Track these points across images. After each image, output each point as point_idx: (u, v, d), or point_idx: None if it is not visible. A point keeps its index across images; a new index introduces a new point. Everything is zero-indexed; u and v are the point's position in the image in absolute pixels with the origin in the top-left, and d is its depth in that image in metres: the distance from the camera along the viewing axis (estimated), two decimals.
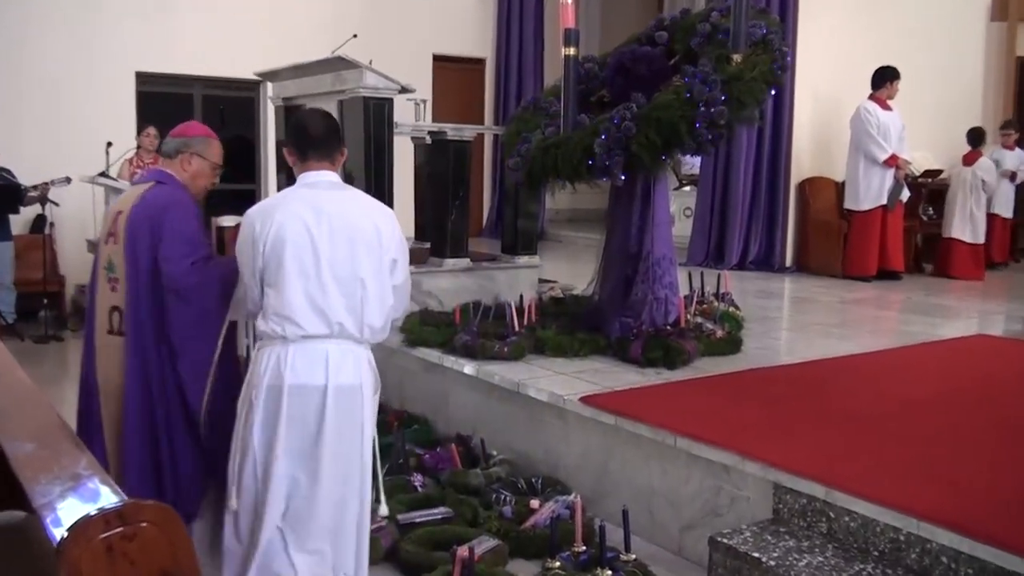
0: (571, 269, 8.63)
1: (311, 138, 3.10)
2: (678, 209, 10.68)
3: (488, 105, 12.62)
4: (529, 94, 10.92)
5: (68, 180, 8.13)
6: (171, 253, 3.25)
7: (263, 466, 2.99)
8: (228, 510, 3.09)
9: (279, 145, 7.24)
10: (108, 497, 1.62)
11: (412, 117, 7.47)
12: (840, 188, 9.48)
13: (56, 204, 8.33)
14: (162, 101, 10.29)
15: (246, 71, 8.44)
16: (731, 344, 5.41)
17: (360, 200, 3.11)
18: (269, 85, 7.57)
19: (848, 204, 9.14)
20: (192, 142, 3.50)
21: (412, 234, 7.95)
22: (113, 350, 3.38)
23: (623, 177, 4.88)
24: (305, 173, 3.11)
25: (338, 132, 3.19)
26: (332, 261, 2.95)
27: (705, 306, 5.84)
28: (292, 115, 3.18)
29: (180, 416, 3.33)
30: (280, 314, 2.95)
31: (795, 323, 6.79)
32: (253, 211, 3.09)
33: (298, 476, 2.97)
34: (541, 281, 7.02)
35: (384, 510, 3.83)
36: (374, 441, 3.26)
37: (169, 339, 3.28)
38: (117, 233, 3.37)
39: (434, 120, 8.62)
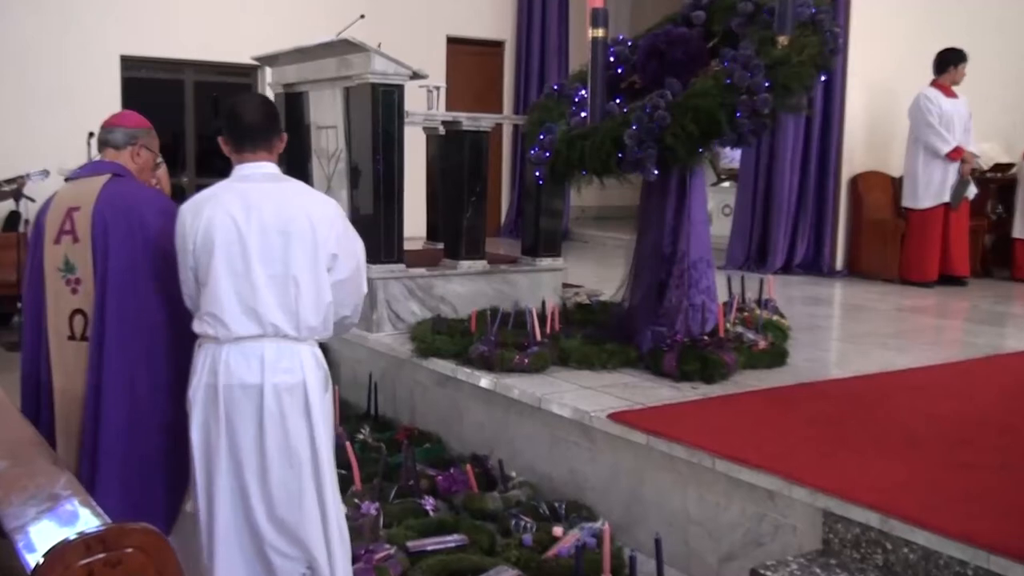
0: (598, 273, 8.62)
1: (245, 127, 3.19)
2: (716, 207, 10.64)
3: (507, 92, 12.62)
4: (553, 80, 10.93)
5: (46, 174, 8.18)
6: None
7: (204, 468, 3.13)
8: (184, 511, 3.30)
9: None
10: (89, 520, 1.62)
11: (424, 105, 7.49)
12: (897, 184, 9.42)
13: (32, 200, 8.38)
14: (150, 88, 10.36)
15: (242, 55, 8.47)
16: (775, 356, 5.39)
17: (296, 192, 3.21)
18: (268, 71, 7.60)
19: (906, 202, 9.08)
20: (140, 133, 3.59)
21: (424, 233, 7.97)
22: (76, 357, 3.40)
23: (656, 171, 4.88)
24: (240, 165, 3.21)
25: (276, 119, 3.28)
26: (263, 258, 3.06)
27: (746, 314, 5.83)
28: (225, 102, 3.27)
29: (160, 423, 3.37)
30: (211, 314, 3.08)
31: (846, 333, 6.74)
32: (185, 206, 3.20)
33: (245, 479, 3.09)
34: (565, 286, 7.02)
35: None
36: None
37: (160, 339, 3.34)
38: (76, 231, 3.38)
39: (448, 109, 8.61)
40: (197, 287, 3.16)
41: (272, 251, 3.08)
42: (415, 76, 6.08)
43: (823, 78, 4.97)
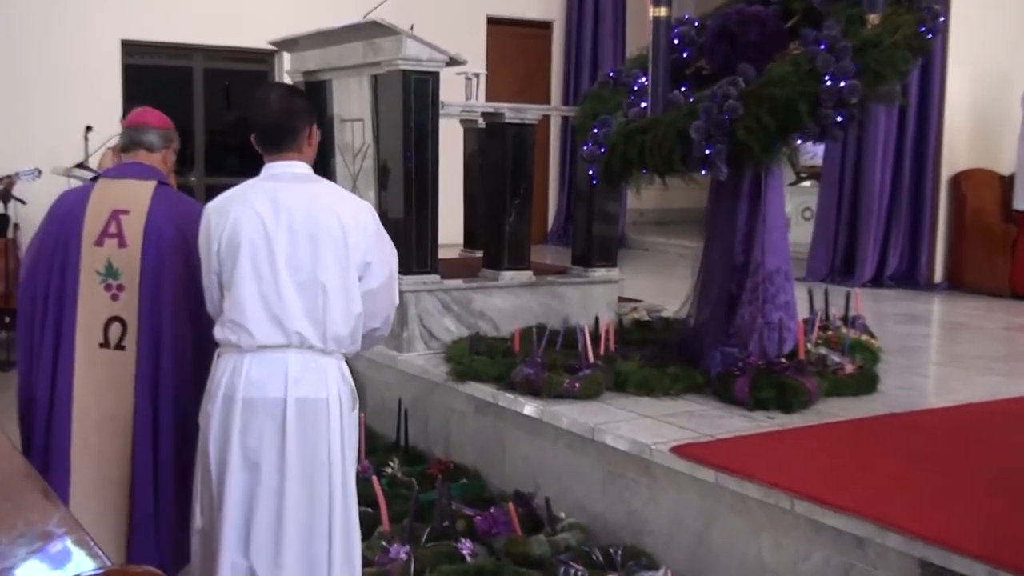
0: (659, 285, 8.61)
1: (267, 126, 3.36)
2: (795, 210, 10.58)
3: (556, 80, 12.65)
4: (608, 66, 10.92)
5: (37, 172, 8.31)
6: None
7: (218, 485, 3.25)
8: (193, 529, 3.38)
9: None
10: (83, 562, 1.64)
11: (462, 95, 7.52)
12: (1007, 183, 9.32)
13: (22, 202, 8.51)
14: (154, 76, 10.51)
15: (258, 39, 8.56)
16: (864, 382, 5.35)
17: (328, 194, 3.36)
18: (286, 56, 7.67)
19: (1018, 204, 8.99)
20: (173, 136, 3.87)
21: (460, 240, 8.00)
22: (107, 368, 3.59)
23: (726, 170, 4.86)
24: (269, 164, 3.38)
25: (300, 114, 3.40)
26: (291, 263, 3.21)
27: (830, 333, 5.79)
28: (255, 97, 3.49)
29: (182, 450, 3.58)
30: (234, 321, 3.21)
31: (947, 355, 6.68)
32: (211, 205, 3.35)
33: (259, 499, 3.20)
34: (621, 300, 7.01)
35: None
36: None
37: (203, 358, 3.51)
38: (123, 235, 3.61)
39: (489, 99, 8.64)
40: (220, 292, 3.30)
41: (300, 256, 3.21)
42: (452, 62, 6.11)
43: (920, 62, 4.92)
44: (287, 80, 7.57)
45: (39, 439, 3.67)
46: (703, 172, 4.98)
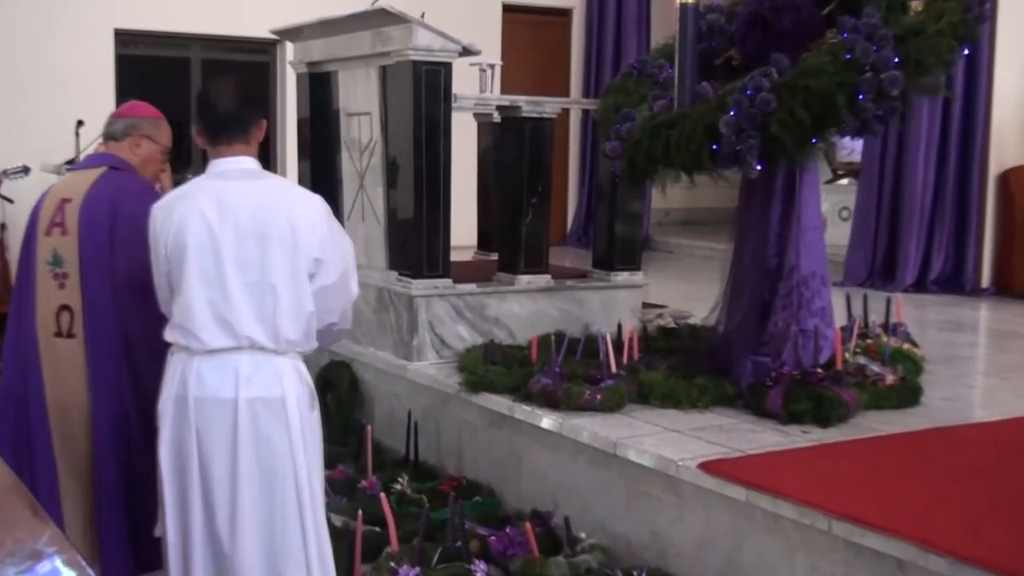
0: (686, 290, 8.60)
1: (218, 116, 3.44)
2: (832, 209, 10.56)
3: (576, 71, 12.66)
4: (631, 56, 10.92)
5: (26, 170, 8.36)
6: None
7: (176, 488, 3.38)
8: (156, 534, 3.53)
9: (300, 125, 7.36)
10: None
11: (476, 87, 7.53)
12: None
13: (10, 201, 8.57)
14: (150, 67, 10.56)
15: (259, 28, 8.61)
16: (906, 394, 5.33)
17: (276, 190, 3.47)
18: (289, 46, 7.70)
19: None
20: (142, 123, 4.00)
21: (474, 242, 8.00)
22: (64, 356, 3.80)
23: (759, 166, 4.86)
24: (216, 160, 3.47)
25: (252, 105, 3.55)
26: (238, 263, 3.31)
27: (870, 341, 5.77)
28: (200, 89, 3.67)
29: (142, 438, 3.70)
30: (182, 326, 3.34)
31: (996, 365, 6.65)
32: (157, 205, 3.48)
33: (214, 499, 3.32)
34: (645, 306, 7.01)
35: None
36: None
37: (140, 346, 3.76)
38: (65, 223, 3.82)
39: (504, 91, 8.67)
40: (171, 294, 3.42)
41: (248, 255, 3.31)
42: (465, 52, 6.12)
43: (966, 52, 4.90)
44: (290, 72, 7.60)
45: (22, 434, 3.89)
46: (733, 169, 4.98)
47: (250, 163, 3.48)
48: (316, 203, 3.48)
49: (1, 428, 3.94)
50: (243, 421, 3.30)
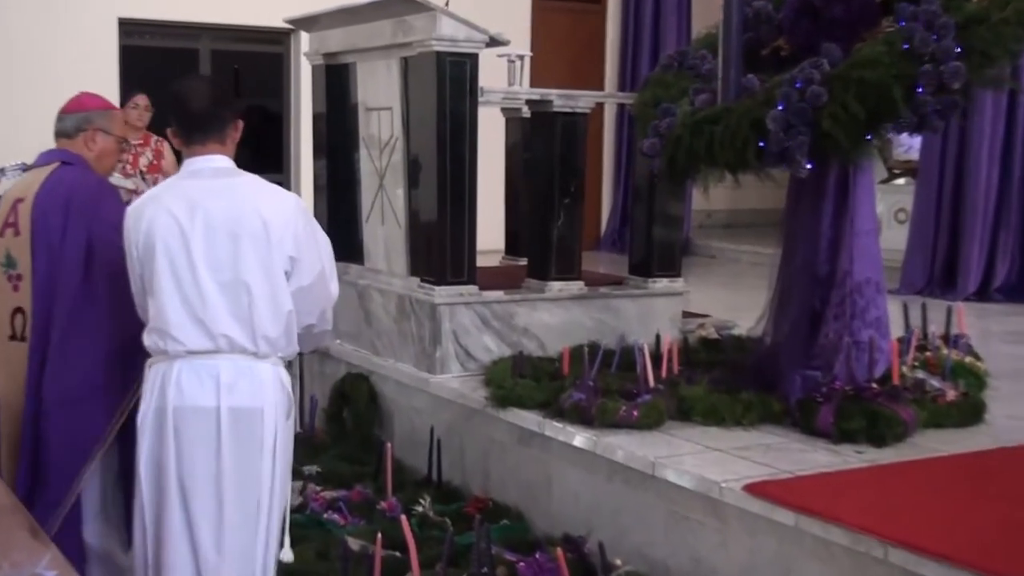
0: (730, 298, 8.59)
1: (191, 115, 3.63)
2: (888, 211, 10.52)
3: (611, 63, 12.67)
4: (671, 46, 10.91)
5: (24, 168, 8.41)
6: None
7: (152, 503, 3.53)
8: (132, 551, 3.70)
9: (315, 120, 7.38)
10: None
11: (504, 80, 7.53)
12: None
13: None
14: (155, 59, 10.62)
15: (272, 17, 8.65)
16: (968, 411, 5.31)
17: (249, 188, 3.62)
18: (304, 36, 7.74)
19: None
20: (93, 116, 4.15)
21: (501, 245, 8.01)
22: (17, 359, 3.94)
23: (808, 165, 4.85)
24: (190, 159, 3.65)
25: (226, 103, 3.72)
26: (210, 262, 3.47)
27: (929, 354, 5.75)
28: (174, 88, 3.76)
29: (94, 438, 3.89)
30: (158, 328, 3.50)
31: None
32: (129, 208, 3.66)
33: (194, 514, 3.46)
34: (686, 315, 6.99)
35: (288, 556, 3.91)
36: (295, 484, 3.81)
37: (101, 349, 3.89)
38: (18, 223, 3.95)
39: (534, 84, 8.67)
40: (146, 297, 3.58)
41: (220, 254, 3.48)
42: (493, 42, 6.13)
43: None
44: (305, 63, 7.63)
45: None
46: (781, 168, 4.97)
47: (224, 162, 3.65)
48: (290, 201, 3.66)
49: None
50: (226, 432, 3.44)
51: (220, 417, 3.44)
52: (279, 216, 3.54)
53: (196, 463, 3.46)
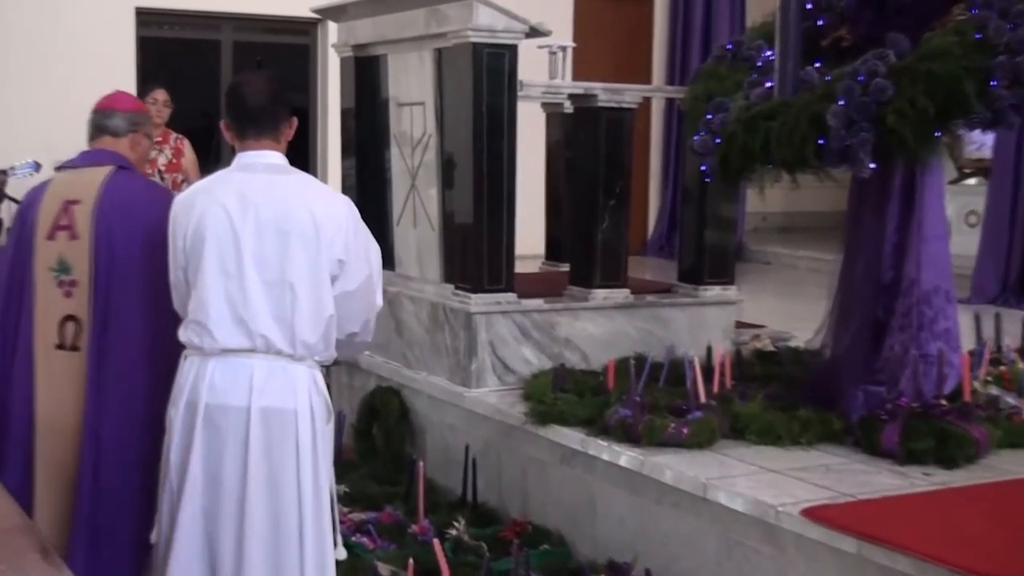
0: (786, 307, 8.57)
1: (248, 110, 3.78)
2: (958, 214, 10.46)
3: (659, 54, 12.67)
4: (724, 36, 10.89)
5: (36, 167, 8.47)
6: None
7: (177, 495, 3.67)
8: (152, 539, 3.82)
9: (344, 116, 7.41)
10: None
11: (545, 73, 7.54)
12: None
13: (16, 202, 8.68)
14: (174, 51, 10.68)
15: (298, 6, 8.68)
16: None
17: (301, 186, 3.78)
18: (332, 27, 7.77)
19: None
20: (142, 119, 4.26)
21: (542, 250, 8.01)
22: (62, 369, 3.97)
23: (872, 165, 4.83)
24: (242, 153, 3.81)
25: (284, 101, 3.90)
26: (257, 259, 3.61)
27: (1003, 368, 5.74)
28: (232, 82, 4.02)
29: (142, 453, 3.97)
30: (197, 321, 3.64)
31: None
32: (178, 198, 3.84)
33: (221, 517, 3.61)
34: (739, 325, 6.98)
35: (341, 554, 4.02)
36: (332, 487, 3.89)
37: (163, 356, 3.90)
38: (74, 227, 3.99)
39: (577, 77, 8.66)
40: (187, 291, 3.71)
41: (268, 252, 3.62)
42: (533, 33, 6.13)
43: None
44: (333, 54, 7.65)
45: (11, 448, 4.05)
46: (842, 168, 4.96)
47: (277, 158, 3.80)
48: (343, 203, 3.82)
49: None
50: (255, 432, 3.58)
51: (250, 417, 3.58)
52: (331, 217, 3.68)
53: (225, 463, 3.60)
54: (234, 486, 3.60)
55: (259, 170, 3.74)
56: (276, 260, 3.61)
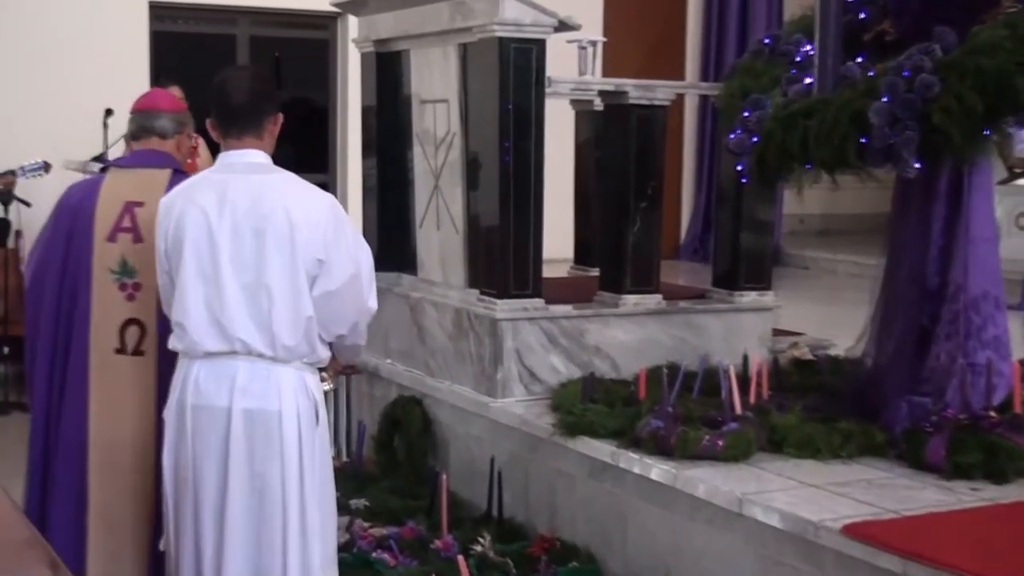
0: (826, 314, 8.56)
1: (230, 107, 3.85)
2: (1008, 216, 10.40)
3: (693, 49, 12.66)
4: (761, 30, 10.87)
5: (45, 167, 8.50)
6: None
7: (173, 497, 3.84)
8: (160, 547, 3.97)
9: (364, 114, 7.42)
10: None
11: (574, 69, 7.53)
12: None
13: (27, 204, 8.70)
14: (189, 46, 10.72)
15: (317, 0, 8.69)
16: None
17: (280, 185, 3.83)
18: (352, 21, 7.78)
19: None
20: (186, 119, 4.33)
21: (570, 254, 7.99)
22: (124, 376, 4.05)
23: (917, 164, 4.82)
24: (225, 152, 3.90)
25: (267, 98, 3.94)
26: (235, 262, 3.71)
27: None
28: (215, 80, 3.98)
29: None
30: (179, 324, 3.76)
31: None
32: (162, 200, 3.90)
33: (202, 514, 3.74)
34: (777, 333, 6.96)
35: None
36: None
37: None
38: (138, 229, 4.07)
39: (608, 73, 8.64)
40: (173, 293, 3.82)
41: (245, 254, 3.72)
42: (562, 27, 6.13)
43: None
44: (353, 50, 7.66)
45: (35, 470, 4.11)
46: (886, 168, 4.97)
47: (259, 157, 3.87)
48: (324, 201, 3.86)
49: (31, 469, 4.15)
50: (236, 433, 3.70)
51: (231, 418, 3.70)
52: (307, 217, 3.74)
53: (206, 463, 3.73)
54: (216, 487, 3.72)
55: (240, 170, 3.82)
56: (253, 262, 3.70)
